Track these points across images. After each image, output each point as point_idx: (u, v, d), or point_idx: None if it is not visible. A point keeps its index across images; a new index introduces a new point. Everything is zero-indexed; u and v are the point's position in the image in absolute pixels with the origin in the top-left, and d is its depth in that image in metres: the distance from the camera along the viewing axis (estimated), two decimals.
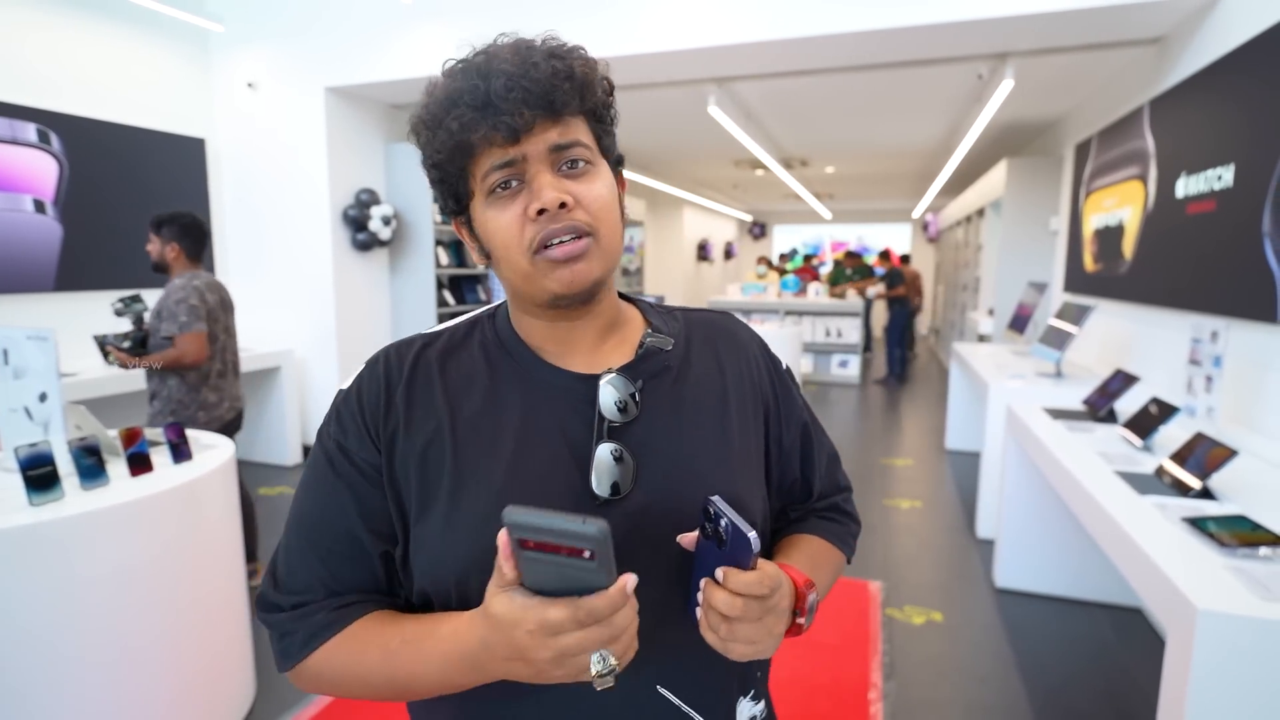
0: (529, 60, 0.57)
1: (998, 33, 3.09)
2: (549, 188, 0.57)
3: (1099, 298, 3.63)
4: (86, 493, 1.59)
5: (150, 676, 1.65)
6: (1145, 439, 2.13)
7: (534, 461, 0.61)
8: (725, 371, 0.70)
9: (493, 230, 0.59)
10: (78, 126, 3.61)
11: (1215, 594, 1.17)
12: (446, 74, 0.59)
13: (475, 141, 0.57)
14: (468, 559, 0.58)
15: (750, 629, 0.53)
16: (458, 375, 0.64)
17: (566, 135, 0.58)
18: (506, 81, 0.55)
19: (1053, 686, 2.18)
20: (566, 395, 0.63)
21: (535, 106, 0.56)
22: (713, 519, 0.54)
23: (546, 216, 0.57)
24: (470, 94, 0.56)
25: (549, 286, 0.59)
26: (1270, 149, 2.11)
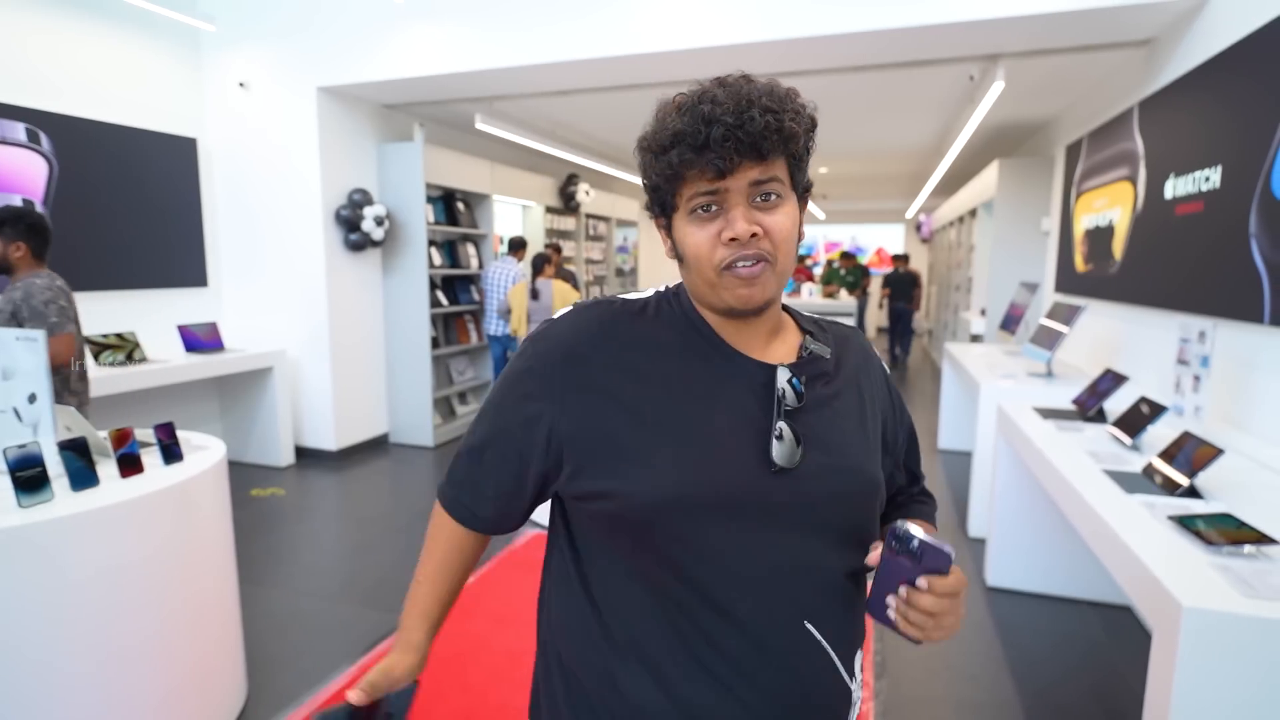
0: (747, 113, 0.65)
1: (989, 34, 3.11)
2: (742, 220, 0.67)
3: (1089, 298, 3.66)
4: (77, 494, 1.59)
5: (141, 678, 1.64)
6: (1134, 438, 2.15)
7: (721, 425, 0.71)
8: (862, 382, 0.83)
9: (689, 243, 0.70)
10: (68, 126, 3.59)
11: (1200, 591, 1.18)
12: (677, 108, 0.69)
13: (689, 175, 0.68)
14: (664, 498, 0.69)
15: (950, 619, 0.67)
16: (644, 336, 0.75)
17: (766, 173, 0.68)
18: (725, 131, 0.65)
19: (1043, 684, 2.20)
20: (744, 376, 0.74)
21: (744, 154, 0.66)
22: (902, 540, 0.66)
23: (737, 244, 0.68)
24: (692, 136, 0.66)
25: (727, 299, 0.71)
26: (1257, 150, 2.13)
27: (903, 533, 0.66)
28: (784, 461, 0.71)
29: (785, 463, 0.71)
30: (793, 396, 0.73)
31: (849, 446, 0.77)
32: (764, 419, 0.72)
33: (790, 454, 0.71)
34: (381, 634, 2.42)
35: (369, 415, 4.85)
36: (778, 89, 0.69)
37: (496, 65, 3.68)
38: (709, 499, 0.70)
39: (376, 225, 4.47)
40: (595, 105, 4.75)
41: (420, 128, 4.89)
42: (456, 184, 5.24)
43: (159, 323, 4.07)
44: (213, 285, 4.50)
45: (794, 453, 0.71)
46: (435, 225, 5.12)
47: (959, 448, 4.84)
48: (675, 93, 0.71)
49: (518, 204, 6.76)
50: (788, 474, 0.71)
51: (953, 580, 0.65)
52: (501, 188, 5.89)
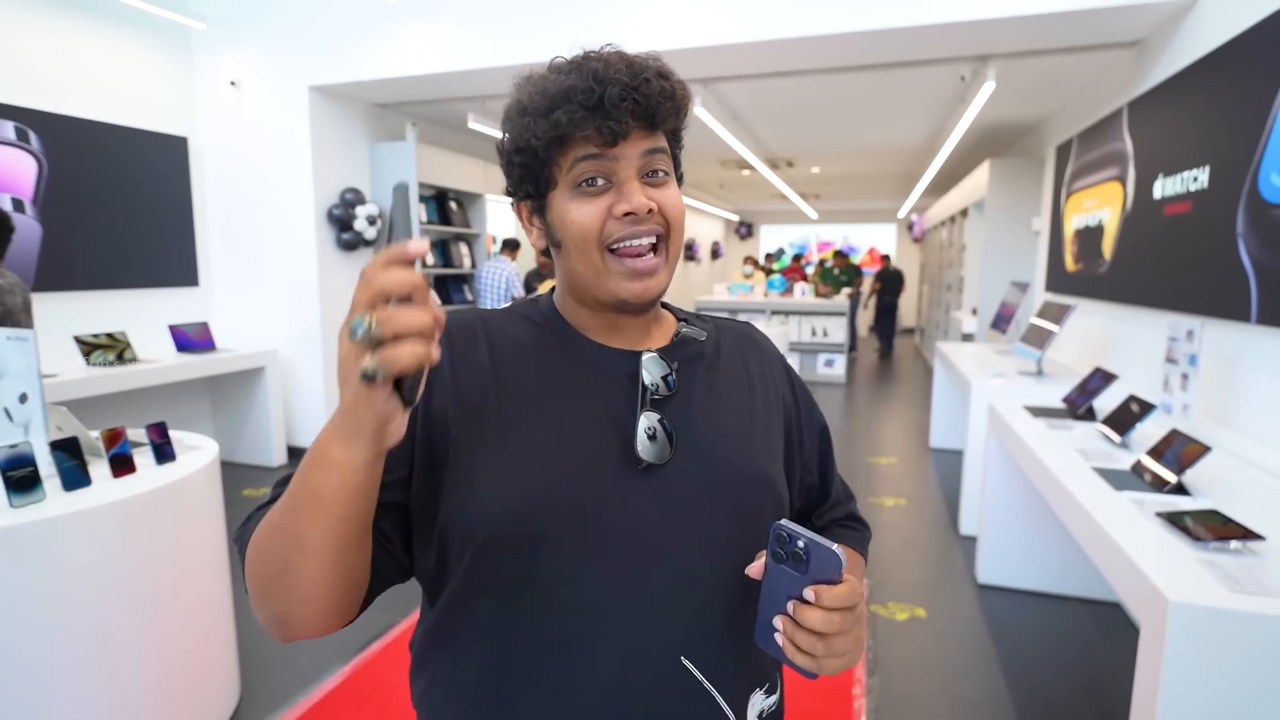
0: (642, 75, 0.61)
1: (979, 35, 3.13)
2: (639, 193, 0.61)
3: (1079, 297, 3.69)
4: (69, 495, 1.58)
5: (134, 678, 1.64)
6: (1123, 436, 2.17)
7: (577, 423, 0.64)
8: (750, 369, 0.75)
9: (572, 220, 0.62)
10: (58, 124, 3.57)
11: (1187, 586, 1.20)
12: (555, 69, 0.62)
13: (577, 137, 0.60)
14: (509, 510, 0.60)
15: (843, 641, 0.54)
16: (504, 341, 0.68)
17: (656, 144, 0.63)
18: (621, 91, 0.59)
19: (1034, 680, 2.22)
20: (608, 368, 0.67)
21: (639, 118, 0.60)
22: (787, 542, 0.54)
23: (631, 219, 0.61)
24: (584, 94, 0.59)
25: (618, 292, 0.63)
26: (1244, 151, 2.15)
27: (786, 532, 0.54)
28: (651, 457, 0.63)
29: (653, 458, 0.63)
30: (662, 385, 0.66)
31: (731, 438, 0.68)
32: (630, 414, 0.64)
33: (659, 449, 0.63)
34: (375, 633, 2.42)
35: None
36: (665, 64, 0.64)
37: (489, 65, 3.67)
38: (561, 505, 0.61)
39: (369, 224, 4.46)
40: None
41: (412, 127, 4.87)
42: (449, 183, 5.24)
43: (150, 322, 4.04)
44: (204, 285, 4.47)
45: (664, 447, 0.63)
46: (428, 225, 5.10)
47: (950, 446, 4.86)
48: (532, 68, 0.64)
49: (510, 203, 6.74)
50: (656, 472, 0.63)
51: (844, 590, 0.53)
52: (494, 187, 5.88)
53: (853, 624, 0.54)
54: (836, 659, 0.55)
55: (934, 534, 3.43)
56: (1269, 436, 2.01)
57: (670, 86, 0.62)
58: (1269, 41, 2.08)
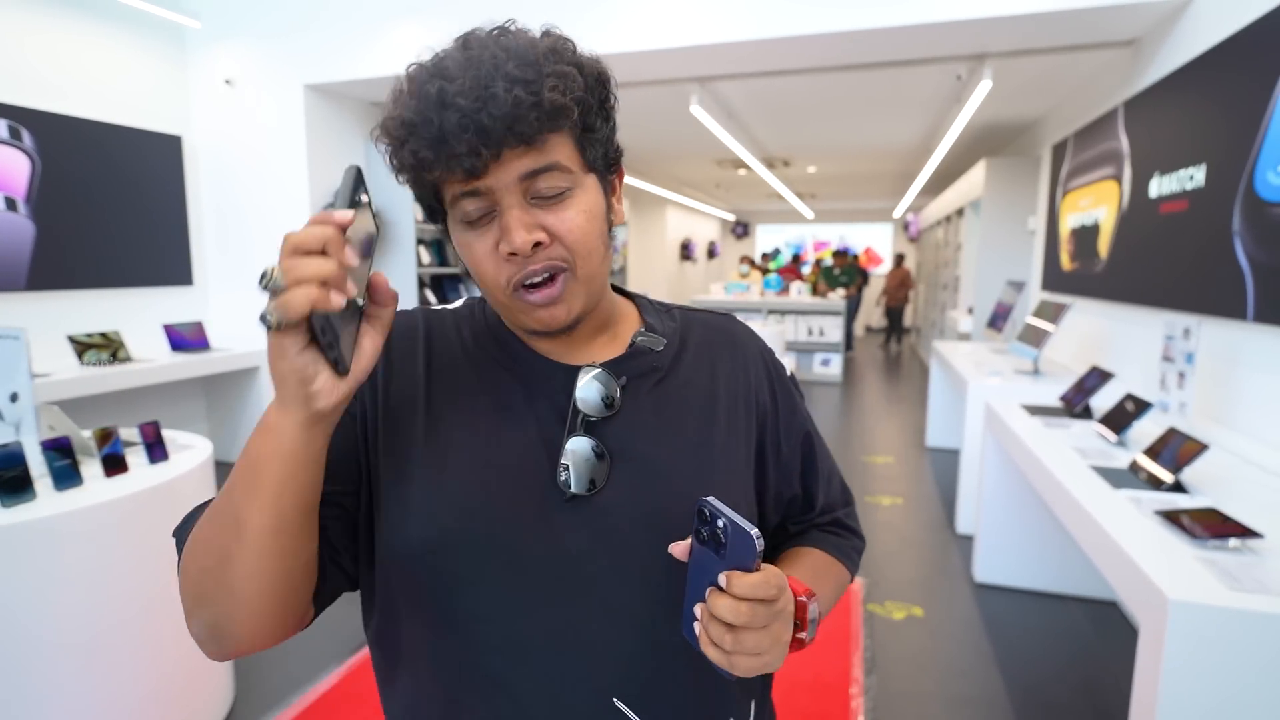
0: (488, 89, 0.49)
1: (975, 34, 3.13)
2: (519, 227, 0.53)
3: (1075, 296, 3.69)
4: (60, 494, 1.57)
5: (127, 679, 1.62)
6: (1120, 434, 2.17)
7: (506, 445, 0.59)
8: (718, 375, 0.67)
9: (468, 257, 0.57)
10: (51, 123, 3.54)
11: (1186, 585, 1.20)
12: (409, 83, 0.53)
13: (434, 178, 0.53)
14: (424, 538, 0.56)
15: (756, 638, 0.48)
16: (442, 348, 0.63)
17: (540, 160, 0.53)
18: (460, 119, 0.49)
19: (1031, 679, 2.22)
20: (545, 383, 0.61)
21: (494, 144, 0.50)
22: (709, 520, 0.50)
23: (519, 259, 0.54)
24: (424, 127, 0.50)
25: (526, 323, 0.58)
26: (1240, 149, 2.15)
27: (708, 509, 0.49)
28: (578, 486, 0.57)
29: (580, 487, 0.57)
30: (592, 404, 0.59)
31: (680, 463, 0.61)
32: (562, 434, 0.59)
33: (585, 475, 0.57)
34: None
35: None
36: (535, 47, 0.53)
37: None
38: (481, 537, 0.56)
39: None
40: None
41: None
42: None
43: (144, 322, 4.02)
44: (198, 284, 4.45)
45: (594, 473, 0.58)
46: (424, 224, 5.09)
47: (947, 445, 4.87)
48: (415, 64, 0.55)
49: None
50: (589, 501, 0.58)
51: (756, 579, 0.47)
52: None
53: (769, 619, 0.49)
54: (749, 657, 0.49)
55: (930, 533, 3.43)
56: (1266, 434, 2.01)
57: (533, 93, 0.50)
58: (1264, 40, 2.09)
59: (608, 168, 0.60)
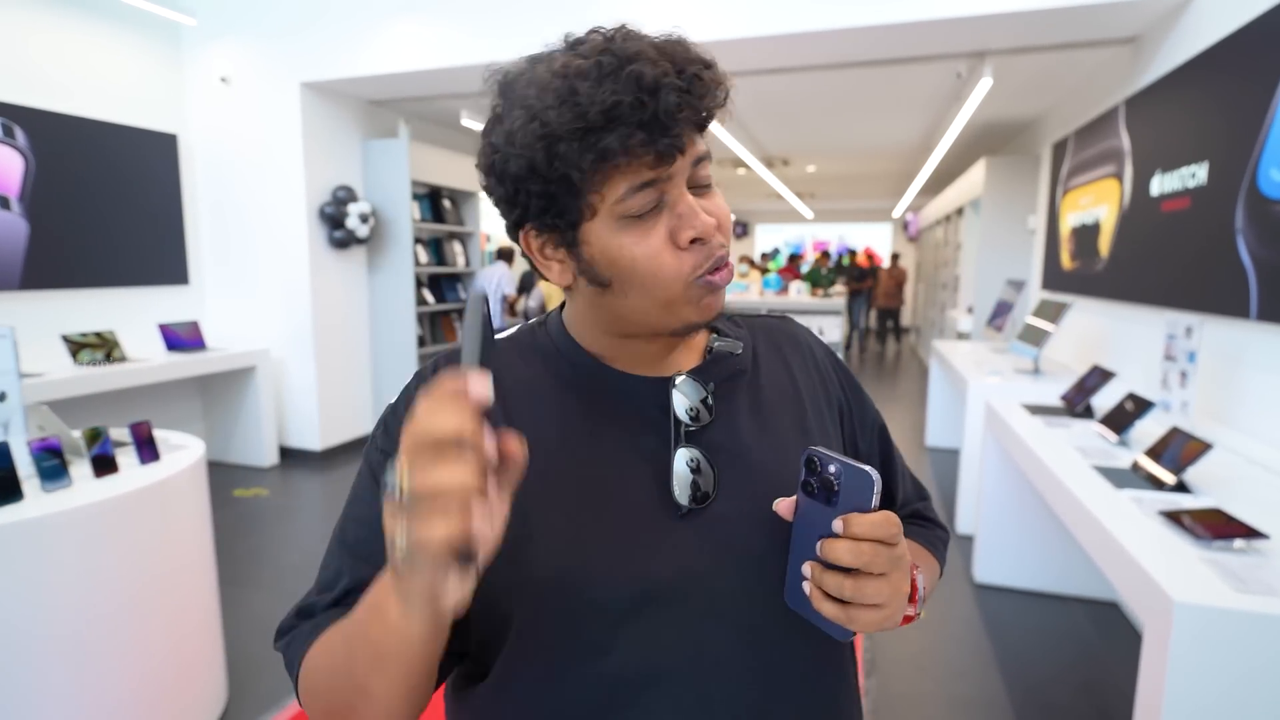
0: (690, 71, 0.49)
1: (976, 31, 3.11)
2: (701, 212, 0.51)
3: (1076, 295, 3.67)
4: (48, 495, 1.54)
5: (117, 681, 1.60)
6: (1121, 434, 2.15)
7: (607, 473, 0.56)
8: (795, 375, 0.66)
9: (631, 258, 0.51)
10: (45, 121, 3.52)
11: (1191, 586, 1.18)
12: (577, 73, 0.48)
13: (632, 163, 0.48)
14: (539, 583, 0.53)
15: (877, 585, 0.46)
16: (514, 384, 0.59)
17: (703, 147, 0.53)
18: (678, 99, 0.47)
19: (1031, 680, 2.20)
20: (635, 401, 0.58)
21: (697, 125, 0.50)
22: (818, 469, 0.47)
23: (702, 244, 0.52)
24: (635, 109, 0.47)
25: (689, 316, 0.54)
26: (1243, 146, 2.13)
27: (818, 457, 0.48)
28: (687, 499, 0.55)
29: (687, 501, 0.55)
30: (687, 414, 0.57)
31: (787, 460, 0.58)
32: (665, 450, 0.56)
33: (694, 487, 0.55)
34: None
35: (354, 415, 4.79)
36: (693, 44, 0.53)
37: (483, 61, 3.63)
38: (601, 574, 0.53)
39: (361, 222, 4.42)
40: None
41: (405, 124, 4.84)
42: (443, 181, 5.20)
43: (139, 321, 4.00)
44: (194, 283, 4.43)
45: (704, 483, 0.55)
46: (421, 223, 5.07)
47: (947, 445, 4.85)
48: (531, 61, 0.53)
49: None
50: (703, 513, 0.55)
51: (877, 518, 0.46)
52: None
53: (889, 566, 0.46)
54: (870, 610, 0.46)
55: None
56: (1270, 434, 1.99)
57: (718, 76, 0.51)
58: (1267, 36, 2.07)
59: None
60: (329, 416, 4.53)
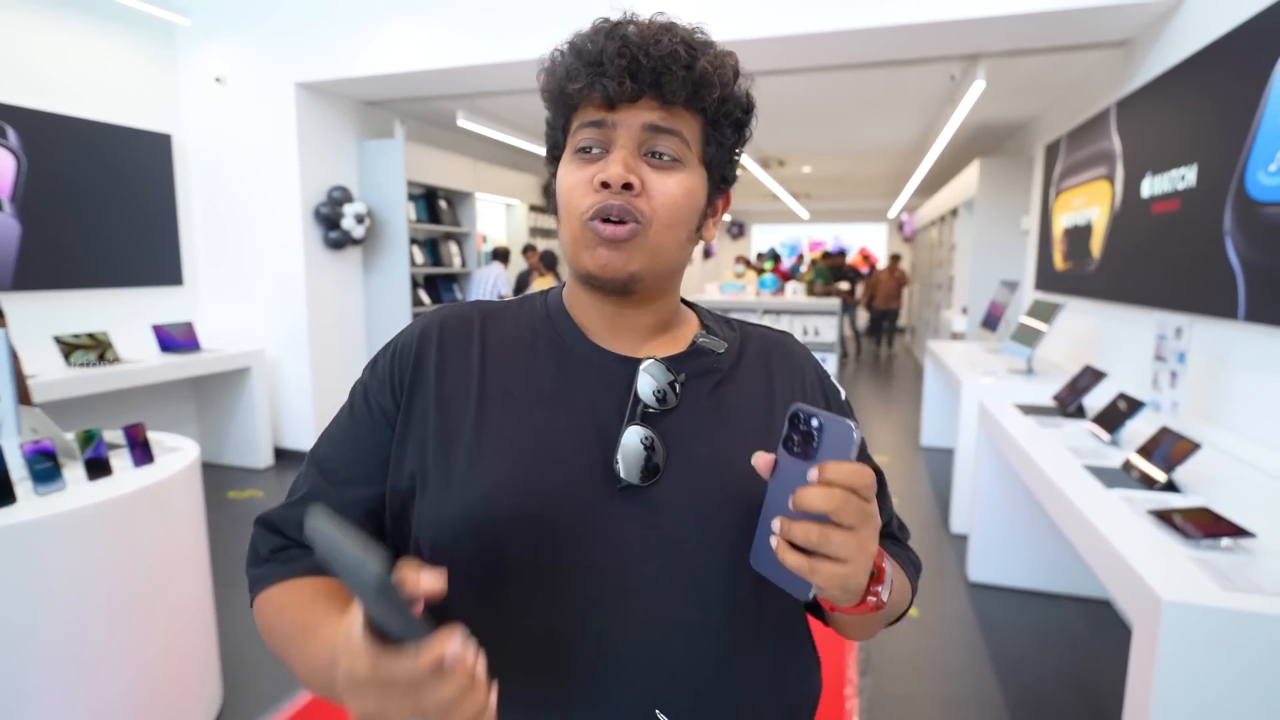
0: (655, 37, 0.55)
1: (969, 34, 3.13)
2: (619, 164, 0.55)
3: (1069, 295, 3.69)
4: (41, 498, 1.54)
5: (113, 684, 1.60)
6: (1112, 434, 2.17)
7: (560, 433, 0.58)
8: (775, 387, 0.66)
9: (562, 188, 0.59)
10: (37, 121, 3.51)
11: (1179, 585, 1.19)
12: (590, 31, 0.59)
13: (573, 94, 0.57)
14: (471, 519, 0.55)
15: (844, 537, 0.45)
16: (498, 338, 0.64)
17: (668, 121, 0.56)
18: (620, 48, 0.54)
19: (1025, 678, 2.21)
20: (603, 374, 0.61)
21: (639, 81, 0.54)
22: (801, 424, 0.47)
23: (608, 191, 0.55)
24: (588, 52, 0.56)
25: (585, 261, 0.58)
26: (1231, 149, 2.15)
27: (802, 412, 0.48)
28: (632, 476, 0.56)
29: (634, 478, 0.56)
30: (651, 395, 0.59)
31: (735, 465, 0.57)
32: (619, 425, 0.58)
33: (641, 466, 0.56)
34: None
35: None
36: (708, 39, 0.59)
37: (478, 62, 3.64)
38: (530, 518, 0.55)
39: (357, 223, 4.41)
40: None
41: (401, 124, 4.83)
42: (438, 181, 5.20)
43: (133, 322, 3.99)
44: (188, 284, 4.42)
45: (649, 463, 0.56)
46: (417, 223, 5.07)
47: (941, 445, 4.87)
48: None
49: (501, 202, 6.72)
50: (641, 494, 0.56)
51: (853, 467, 0.45)
52: (484, 185, 5.84)
53: (859, 519, 0.45)
54: (834, 564, 0.45)
55: (925, 532, 3.42)
56: (1257, 433, 2.01)
57: (690, 54, 0.55)
58: (1255, 40, 2.09)
59: (719, 181, 0.63)
60: (325, 417, 4.52)
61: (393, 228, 4.72)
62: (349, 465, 0.62)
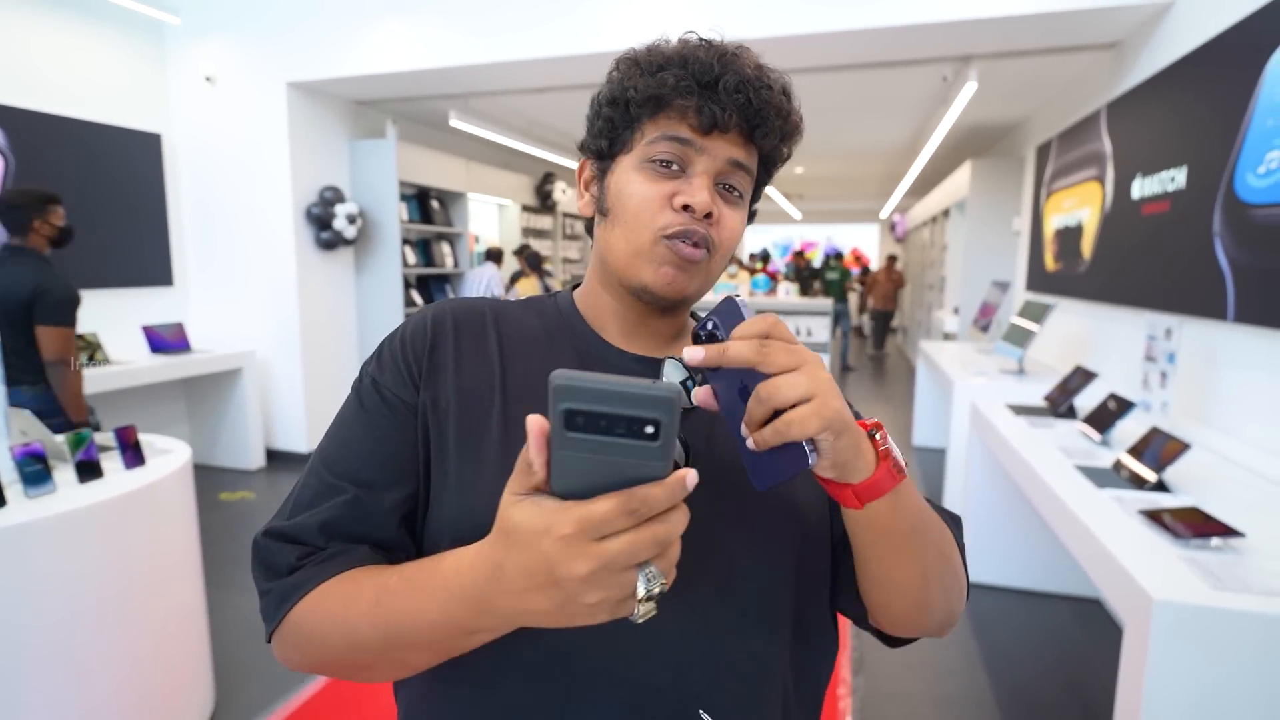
0: (765, 81, 0.57)
1: (961, 35, 3.14)
2: (707, 191, 0.56)
3: (1060, 296, 3.72)
4: (32, 501, 1.53)
5: (105, 687, 1.59)
6: (1103, 434, 2.18)
7: None
8: None
9: (632, 193, 0.57)
10: (24, 120, 3.48)
11: (1170, 584, 1.20)
12: (687, 41, 0.59)
13: (674, 108, 0.56)
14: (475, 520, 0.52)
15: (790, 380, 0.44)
16: (514, 334, 0.63)
17: (748, 159, 0.58)
18: (739, 82, 0.55)
19: (1017, 677, 2.23)
20: (624, 371, 0.60)
21: (744, 119, 0.56)
22: (704, 335, 0.49)
23: (688, 215, 0.56)
24: (702, 70, 0.55)
25: (648, 277, 0.57)
26: (1220, 151, 2.17)
27: (700, 330, 0.49)
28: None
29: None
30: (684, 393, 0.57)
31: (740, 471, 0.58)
32: None
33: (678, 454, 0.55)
34: None
35: None
36: (786, 82, 0.60)
37: (471, 62, 3.63)
38: None
39: (349, 223, 4.40)
40: (571, 103, 4.72)
41: (393, 124, 4.82)
42: (431, 182, 5.18)
43: (123, 323, 3.96)
44: (179, 285, 4.39)
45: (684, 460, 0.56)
46: (409, 224, 5.05)
47: (933, 445, 4.89)
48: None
49: (494, 202, 6.70)
50: None
51: (752, 321, 0.47)
52: (477, 186, 5.83)
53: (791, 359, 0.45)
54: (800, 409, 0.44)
55: None
56: (1246, 433, 2.03)
57: (788, 107, 0.58)
58: (1244, 43, 2.11)
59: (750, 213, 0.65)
60: (316, 418, 4.50)
61: (385, 228, 4.70)
62: (372, 466, 0.58)
